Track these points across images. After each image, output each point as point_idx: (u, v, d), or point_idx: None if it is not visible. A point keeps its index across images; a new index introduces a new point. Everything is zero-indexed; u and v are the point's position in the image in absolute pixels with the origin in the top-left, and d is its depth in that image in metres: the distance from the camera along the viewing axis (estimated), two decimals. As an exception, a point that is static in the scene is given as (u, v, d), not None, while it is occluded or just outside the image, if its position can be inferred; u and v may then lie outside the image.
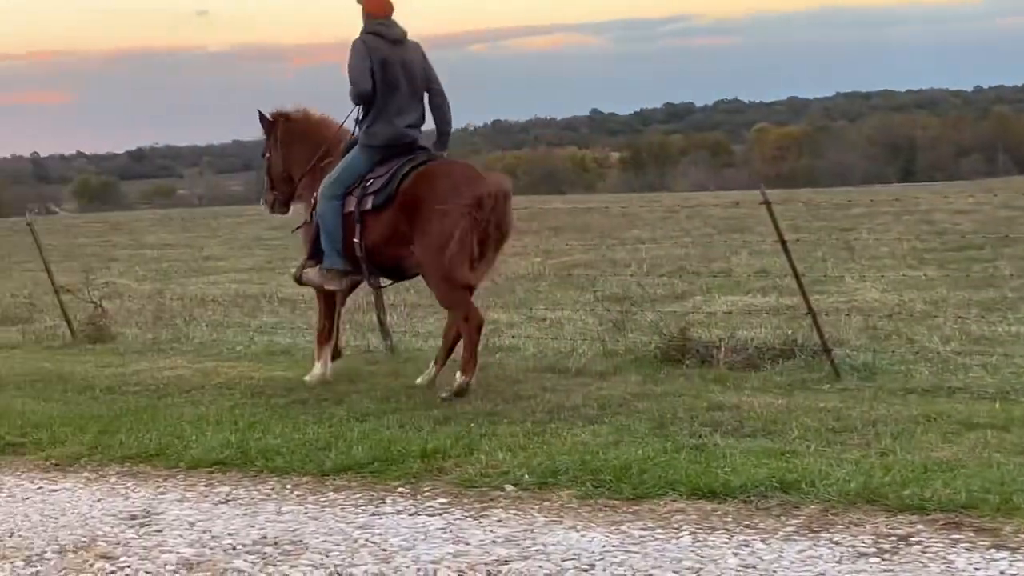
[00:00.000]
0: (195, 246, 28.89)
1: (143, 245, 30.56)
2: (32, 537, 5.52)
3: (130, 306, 14.77)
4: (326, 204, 8.50)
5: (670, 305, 11.91)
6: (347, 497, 5.97)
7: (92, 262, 21.41)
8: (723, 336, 9.06)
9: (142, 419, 7.83)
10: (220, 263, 23.71)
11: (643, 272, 15.34)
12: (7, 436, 7.60)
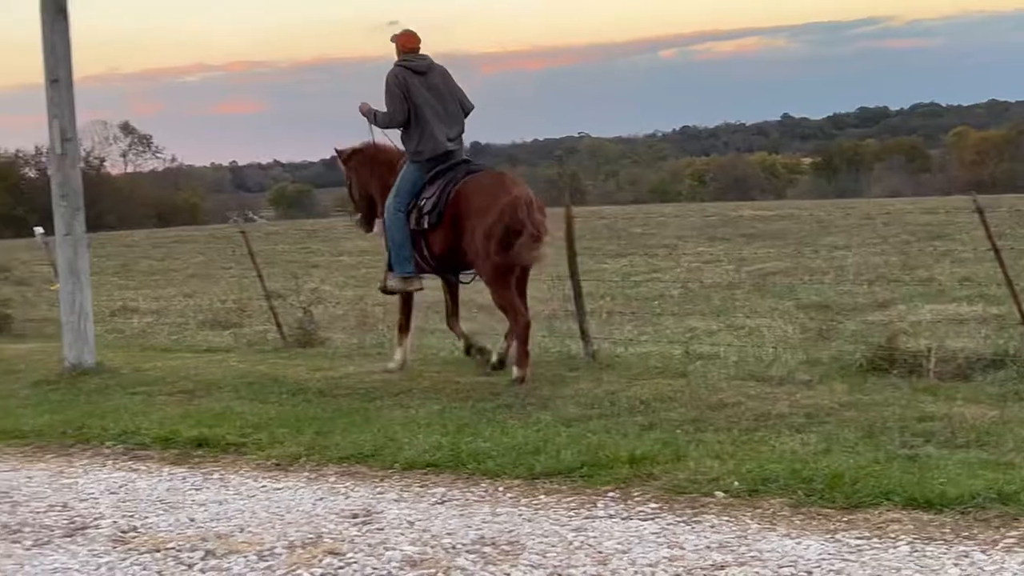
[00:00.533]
0: (390, 252, 29.34)
1: (340, 251, 31.36)
2: (262, 533, 5.78)
3: (334, 311, 15.23)
4: (392, 217, 9.77)
5: (872, 314, 11.77)
6: (558, 500, 6.09)
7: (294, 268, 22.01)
8: (932, 345, 8.92)
9: (355, 421, 8.10)
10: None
11: (842, 280, 15.14)
12: (229, 436, 7.93)
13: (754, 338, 10.80)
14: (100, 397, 10.00)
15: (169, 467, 7.41)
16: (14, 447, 8.36)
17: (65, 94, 11.15)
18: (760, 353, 9.90)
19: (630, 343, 10.75)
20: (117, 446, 8.10)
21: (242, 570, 5.24)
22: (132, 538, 5.82)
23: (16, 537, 5.96)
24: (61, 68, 11.12)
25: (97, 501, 6.62)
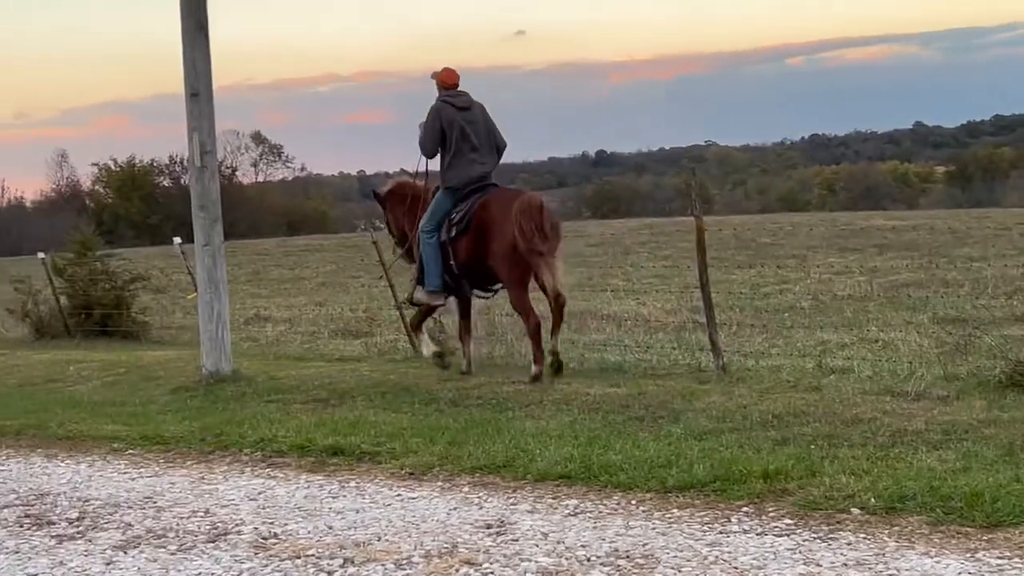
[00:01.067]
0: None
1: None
2: (398, 541, 5.87)
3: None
4: (424, 237, 10.79)
5: (1011, 328, 11.53)
6: (691, 514, 6.08)
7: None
8: (1074, 361, 8.71)
9: (487, 432, 8.16)
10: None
11: (978, 292, 14.84)
12: (363, 445, 8.06)
13: (888, 352, 10.63)
14: (237, 405, 10.23)
15: (306, 475, 7.55)
16: (155, 453, 8.59)
17: (205, 108, 11.44)
18: (895, 367, 9.75)
19: (760, 356, 10.66)
20: (255, 453, 8.28)
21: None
22: (273, 544, 5.95)
23: (161, 542, 6.13)
24: (201, 82, 11.41)
25: (238, 507, 6.78)
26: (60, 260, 18.22)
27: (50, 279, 18.03)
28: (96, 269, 17.63)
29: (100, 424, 9.74)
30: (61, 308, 17.75)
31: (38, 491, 7.55)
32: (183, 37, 11.38)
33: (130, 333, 16.92)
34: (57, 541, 6.28)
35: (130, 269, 18.10)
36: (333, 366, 12.17)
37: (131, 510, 6.86)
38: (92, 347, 16.13)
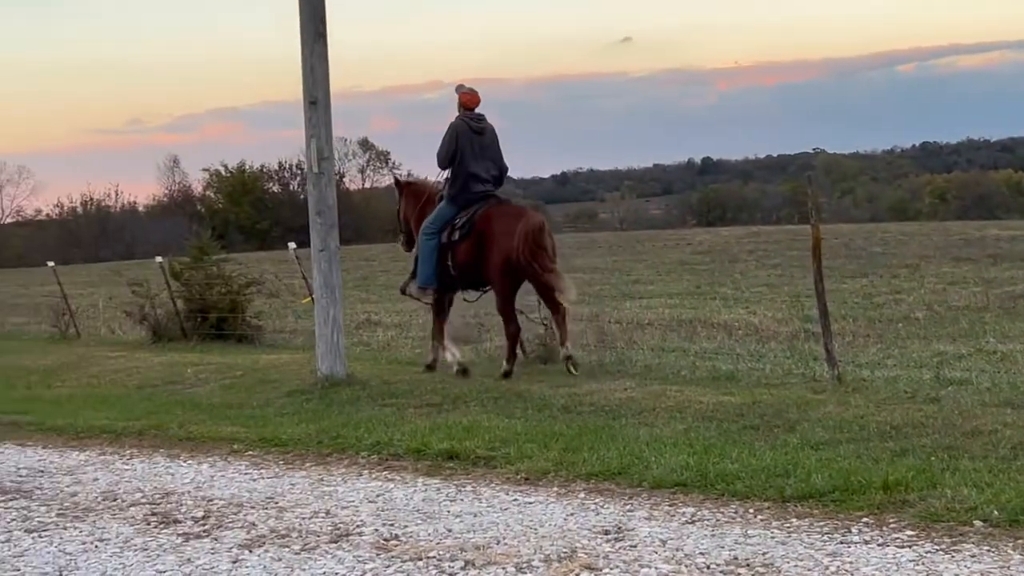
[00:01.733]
0: (623, 270, 29.60)
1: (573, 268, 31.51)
2: (518, 545, 5.93)
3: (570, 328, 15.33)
4: (423, 239, 11.82)
5: None
6: (811, 524, 6.06)
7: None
8: None
9: (601, 438, 8.19)
10: (649, 287, 24.22)
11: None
12: (478, 450, 8.13)
13: (1007, 364, 10.48)
14: (352, 408, 10.38)
15: (423, 478, 7.65)
16: (274, 454, 8.76)
17: (322, 115, 11.62)
18: (1015, 379, 9.60)
19: (876, 366, 10.55)
20: (372, 456, 8.40)
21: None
22: (394, 546, 6.04)
23: (285, 542, 6.25)
24: (319, 90, 11.59)
25: (358, 509, 6.89)
26: (177, 264, 18.58)
27: (167, 283, 18.40)
28: (212, 273, 17.96)
29: (219, 426, 9.95)
30: (178, 311, 18.10)
31: (163, 490, 7.74)
32: (302, 45, 11.58)
33: (244, 336, 17.19)
34: (184, 539, 6.44)
35: (245, 273, 18.40)
36: (444, 372, 12.26)
37: (254, 510, 7.01)
38: (208, 350, 16.43)
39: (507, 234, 11.23)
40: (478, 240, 11.49)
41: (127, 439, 9.88)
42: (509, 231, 11.22)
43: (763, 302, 19.00)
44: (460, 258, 11.63)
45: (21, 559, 6.23)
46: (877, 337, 13.24)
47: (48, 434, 10.48)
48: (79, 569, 5.98)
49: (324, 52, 11.60)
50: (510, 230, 11.22)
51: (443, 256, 11.74)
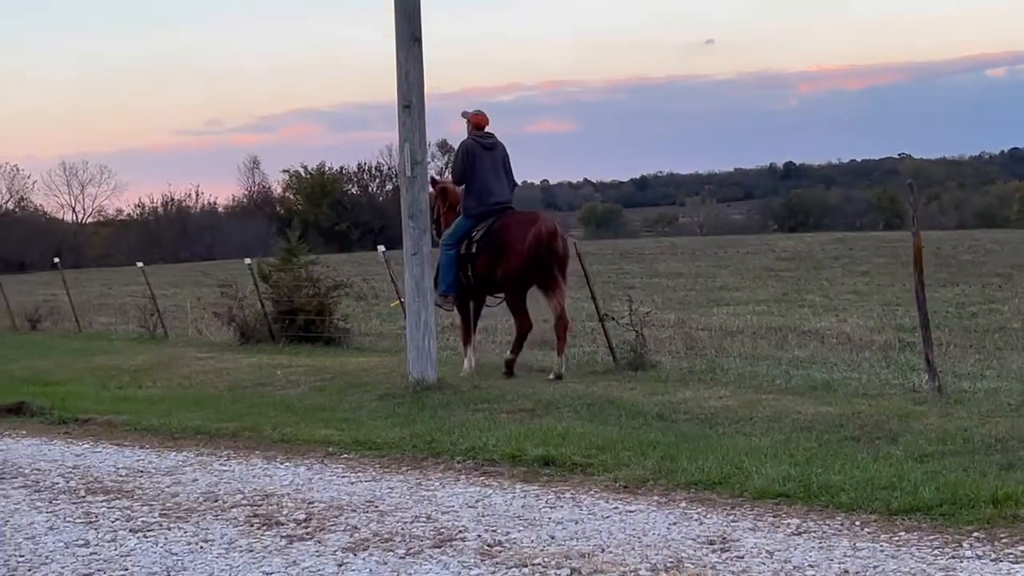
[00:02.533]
0: (706, 276, 29.46)
1: (655, 273, 31.50)
2: (623, 554, 5.89)
3: (658, 335, 15.28)
4: (443, 249, 12.49)
5: None
6: (920, 538, 5.96)
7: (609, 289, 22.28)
8: None
9: (699, 447, 8.13)
10: (735, 293, 24.06)
11: None
12: (575, 457, 8.10)
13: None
14: (444, 412, 10.38)
15: (520, 484, 7.63)
16: (370, 458, 8.78)
17: (416, 119, 11.66)
18: None
19: (976, 378, 10.38)
20: (467, 461, 8.40)
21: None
22: (498, 552, 6.03)
23: (388, 546, 6.26)
24: (413, 94, 11.64)
25: (458, 514, 6.88)
26: (266, 266, 18.73)
27: (256, 284, 18.55)
28: (300, 276, 18.07)
29: (313, 428, 9.99)
30: (266, 313, 18.24)
31: (262, 492, 7.78)
32: (397, 49, 11.62)
33: (332, 339, 17.28)
34: (287, 541, 6.47)
35: (332, 276, 18.50)
36: (534, 377, 12.26)
37: (355, 513, 7.03)
38: (296, 352, 16.54)
39: (521, 239, 11.86)
40: (494, 251, 12.08)
41: (222, 440, 9.96)
42: (523, 236, 11.85)
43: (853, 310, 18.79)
44: (479, 269, 12.17)
45: (128, 559, 6.29)
46: (975, 348, 13.02)
47: (143, 434, 10.60)
48: (186, 570, 6.03)
49: (419, 56, 11.64)
50: (523, 235, 11.86)
51: (463, 266, 12.34)
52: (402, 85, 11.67)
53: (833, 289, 23.49)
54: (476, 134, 12.44)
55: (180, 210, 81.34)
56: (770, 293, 23.64)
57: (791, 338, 14.79)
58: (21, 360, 18.83)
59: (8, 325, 27.81)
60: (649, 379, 11.66)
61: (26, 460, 9.54)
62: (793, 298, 22.17)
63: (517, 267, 11.89)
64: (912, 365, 11.20)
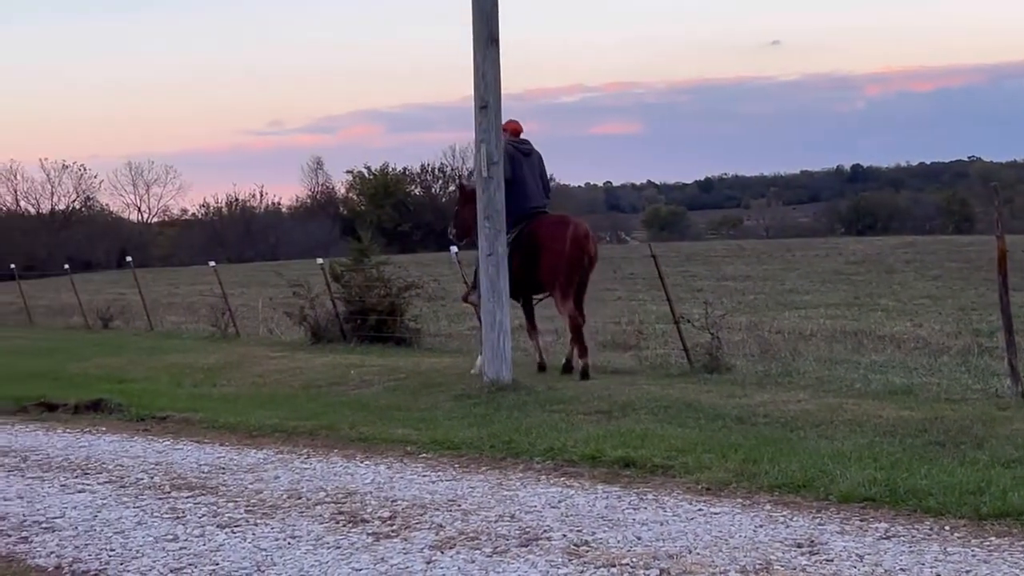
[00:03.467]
0: (774, 279, 29.28)
1: (723, 276, 31.36)
2: (710, 556, 5.88)
3: (731, 337, 15.21)
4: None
5: None
6: (1011, 543, 5.90)
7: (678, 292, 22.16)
8: None
9: (781, 450, 8.09)
10: (805, 297, 23.91)
11: None
12: (655, 458, 8.08)
13: None
14: (520, 413, 10.39)
15: (602, 485, 7.62)
16: (449, 457, 8.81)
17: (493, 120, 11.69)
18: None
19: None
20: (546, 461, 8.40)
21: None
22: (585, 552, 6.04)
23: (475, 544, 6.29)
24: (490, 94, 11.67)
25: (542, 514, 6.89)
26: (338, 266, 18.84)
27: (327, 284, 18.66)
28: (372, 276, 18.16)
29: (390, 428, 10.04)
30: (337, 313, 18.35)
31: (345, 489, 7.84)
32: (475, 50, 11.66)
33: (403, 339, 17.35)
34: (374, 539, 6.51)
35: (404, 276, 18.58)
36: (609, 378, 12.24)
37: (439, 512, 7.06)
38: (368, 352, 16.62)
39: (558, 239, 12.26)
40: (529, 252, 12.41)
41: (300, 438, 10.03)
42: (560, 236, 12.27)
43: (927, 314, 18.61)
44: (514, 269, 12.21)
45: (218, 554, 6.36)
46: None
47: (222, 432, 10.70)
48: (275, 565, 6.08)
49: (496, 57, 11.67)
50: (560, 235, 12.28)
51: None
52: (479, 86, 11.70)
53: (905, 293, 23.27)
54: (513, 140, 12.60)
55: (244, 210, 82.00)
56: (841, 297, 23.46)
57: (866, 342, 14.67)
58: (95, 358, 19.09)
59: (81, 323, 28.21)
60: (725, 382, 11.61)
61: (109, 456, 9.67)
62: (865, 302, 21.99)
63: (558, 267, 12.19)
64: (992, 370, 11.08)
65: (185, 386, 14.66)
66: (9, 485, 8.64)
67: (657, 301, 23.72)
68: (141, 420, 11.74)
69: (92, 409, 12.58)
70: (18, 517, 7.53)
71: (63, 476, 8.90)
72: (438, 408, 11.07)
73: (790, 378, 11.70)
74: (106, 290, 37.96)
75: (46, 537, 6.98)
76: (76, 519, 7.38)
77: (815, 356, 13.32)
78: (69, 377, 16.32)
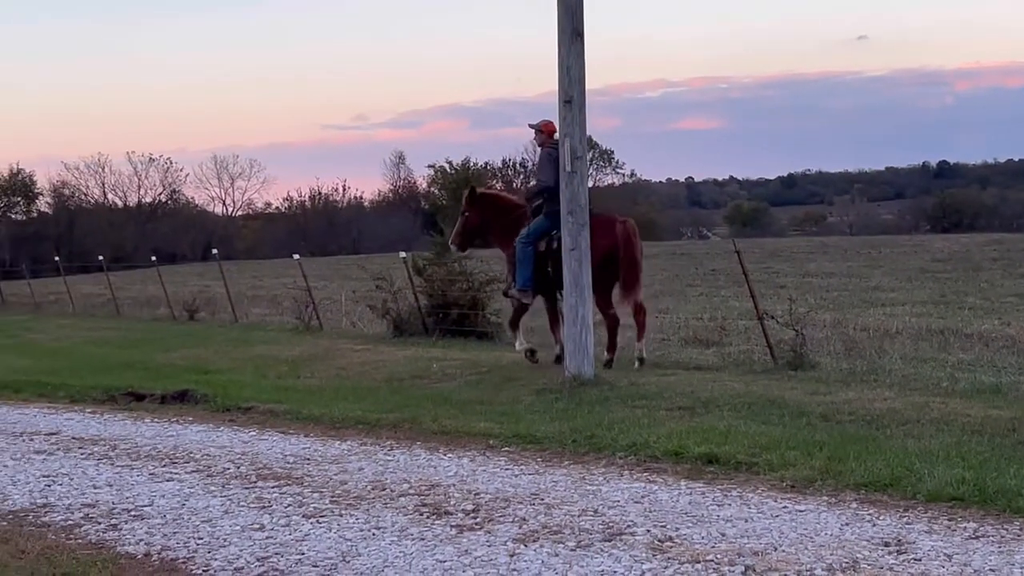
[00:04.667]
0: (859, 276, 28.97)
1: (806, 273, 31.10)
2: (796, 553, 5.83)
3: (815, 334, 15.08)
4: (521, 245, 13.17)
5: None
6: (1104, 546, 5.80)
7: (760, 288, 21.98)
8: None
9: (867, 448, 8.01)
10: (890, 294, 23.64)
11: None
12: (738, 455, 8.04)
13: None
14: (602, 408, 10.38)
15: (685, 481, 7.59)
16: (531, 452, 8.83)
17: (577, 114, 11.68)
18: None
19: None
20: (629, 457, 8.39)
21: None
22: (669, 548, 6.02)
23: (558, 538, 6.29)
24: (575, 89, 11.66)
25: (625, 509, 6.88)
26: (420, 260, 18.94)
27: (410, 278, 18.76)
28: (454, 270, 18.22)
29: (472, 421, 10.08)
30: (419, 307, 18.43)
31: (428, 482, 7.88)
32: (559, 44, 11.65)
33: (484, 334, 17.40)
34: (457, 531, 6.54)
35: (485, 271, 18.62)
36: (691, 375, 12.19)
37: (522, 505, 7.07)
38: (449, 346, 16.70)
39: (607, 235, 12.74)
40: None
41: (383, 430, 10.10)
42: (610, 232, 12.80)
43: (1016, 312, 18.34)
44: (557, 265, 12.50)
45: (303, 543, 6.42)
46: None
47: (305, 423, 10.80)
48: (360, 556, 6.13)
49: (581, 51, 11.65)
50: (610, 231, 12.83)
51: (542, 263, 13.09)
52: (563, 80, 11.69)
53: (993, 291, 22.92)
54: (550, 142, 12.86)
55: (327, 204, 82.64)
56: (927, 294, 23.17)
57: (953, 340, 14.47)
58: (181, 349, 19.37)
59: (167, 315, 28.61)
60: (809, 379, 11.52)
61: (196, 446, 9.80)
62: (952, 300, 21.69)
63: (600, 261, 12.38)
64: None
65: (269, 377, 14.82)
66: (99, 473, 8.79)
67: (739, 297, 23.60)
68: (226, 411, 11.88)
69: (178, 399, 12.76)
70: (108, 504, 7.66)
71: (151, 465, 9.03)
72: (519, 402, 11.09)
73: (875, 376, 11.58)
74: (191, 282, 38.47)
75: (135, 525, 7.08)
76: (164, 507, 7.49)
77: (901, 354, 13.16)
78: (156, 368, 16.57)
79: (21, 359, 19.70)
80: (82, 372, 16.22)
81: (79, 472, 8.85)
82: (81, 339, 23.97)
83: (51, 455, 9.70)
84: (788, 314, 12.61)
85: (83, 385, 14.28)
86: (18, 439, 10.64)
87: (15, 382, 15.04)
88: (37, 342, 24.25)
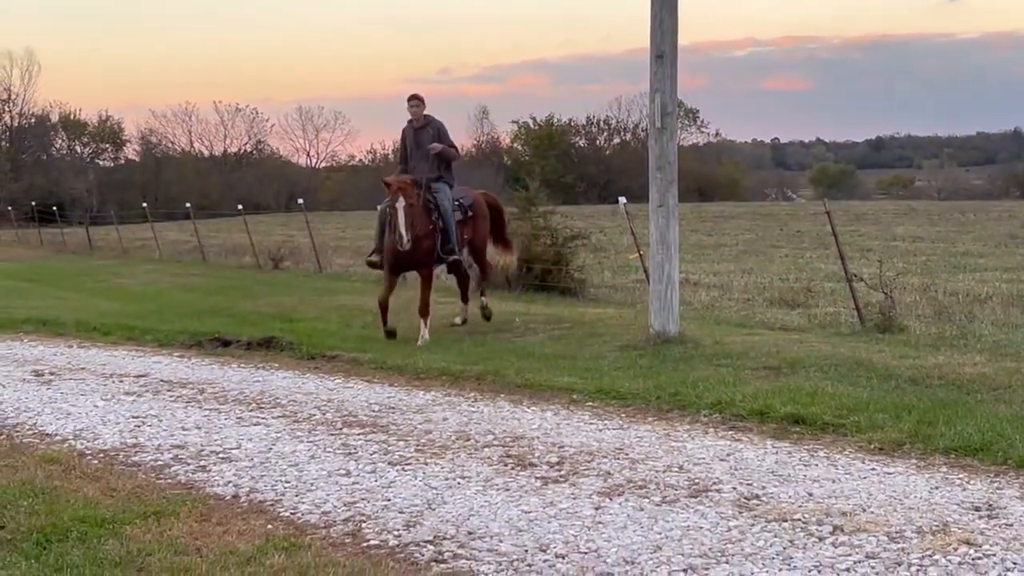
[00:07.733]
0: (947, 240, 28.56)
1: (893, 237, 30.70)
2: (885, 515, 5.77)
3: (903, 298, 14.89)
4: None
5: None
6: None
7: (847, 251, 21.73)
8: None
9: (957, 413, 7.89)
10: (980, 260, 23.28)
11: None
12: (825, 416, 7.96)
13: None
14: (686, 366, 10.34)
15: (771, 440, 7.54)
16: (614, 407, 8.81)
17: (668, 69, 11.56)
18: None
19: None
20: (713, 415, 8.34)
21: (875, 549, 5.25)
22: (755, 505, 5.98)
23: (643, 493, 6.28)
24: (666, 43, 11.54)
25: (710, 466, 6.85)
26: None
27: (494, 233, 18.73)
28: (539, 225, 18.19)
29: (555, 375, 10.07)
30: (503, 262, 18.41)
31: (512, 433, 7.89)
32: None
33: (568, 289, 17.38)
34: (542, 483, 6.55)
35: (569, 227, 18.58)
36: (777, 335, 12.10)
37: (606, 459, 7.07)
38: (532, 300, 16.71)
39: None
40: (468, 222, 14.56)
41: (466, 382, 10.13)
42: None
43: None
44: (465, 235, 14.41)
45: (389, 490, 6.47)
46: None
47: (390, 373, 10.86)
48: (446, 504, 6.16)
49: (674, 5, 11.52)
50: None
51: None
52: (655, 34, 11.57)
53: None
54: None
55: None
56: (1018, 261, 22.77)
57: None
58: (266, 297, 19.56)
59: (252, 263, 28.91)
60: (898, 342, 11.39)
61: (283, 392, 9.90)
62: (1044, 267, 21.33)
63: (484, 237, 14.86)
64: None
65: (354, 327, 14.92)
66: (187, 415, 8.91)
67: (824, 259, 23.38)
68: (311, 358, 11.98)
69: (264, 346, 12.88)
70: (196, 447, 7.77)
71: (239, 409, 9.14)
72: (603, 358, 11.07)
73: (965, 341, 11.42)
74: (276, 232, 38.83)
75: (223, 467, 7.18)
76: (252, 451, 7.58)
77: (991, 320, 12.97)
78: (242, 314, 16.76)
79: (110, 303, 20.03)
80: (169, 317, 16.45)
81: (168, 414, 8.98)
82: (168, 285, 24.32)
83: (140, 397, 9.86)
84: (877, 277, 12.44)
85: (170, 329, 14.47)
86: (108, 380, 10.82)
87: (104, 325, 15.26)
88: (125, 287, 24.65)
